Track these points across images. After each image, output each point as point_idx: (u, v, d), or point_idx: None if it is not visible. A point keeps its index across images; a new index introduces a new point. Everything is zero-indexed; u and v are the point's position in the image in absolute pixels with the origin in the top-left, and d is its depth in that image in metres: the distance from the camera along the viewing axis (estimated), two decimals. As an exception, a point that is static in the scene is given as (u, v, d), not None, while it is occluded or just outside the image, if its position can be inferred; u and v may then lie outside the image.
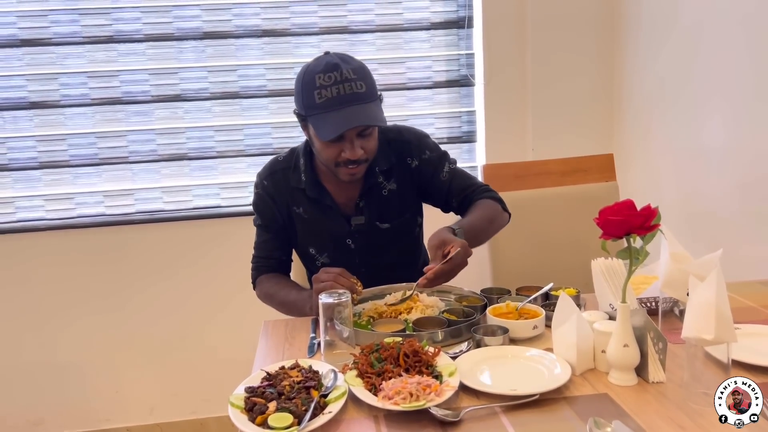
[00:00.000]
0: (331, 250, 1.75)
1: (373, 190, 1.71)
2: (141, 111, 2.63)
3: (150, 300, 2.70)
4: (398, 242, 1.78)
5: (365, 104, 1.53)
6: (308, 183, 1.69)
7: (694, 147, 2.30)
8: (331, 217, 1.71)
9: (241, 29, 2.63)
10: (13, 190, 2.62)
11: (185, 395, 2.77)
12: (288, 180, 1.72)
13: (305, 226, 1.74)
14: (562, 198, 2.21)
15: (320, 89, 1.51)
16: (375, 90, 1.58)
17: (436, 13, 2.73)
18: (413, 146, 1.73)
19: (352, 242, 1.74)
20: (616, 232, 1.15)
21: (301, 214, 1.73)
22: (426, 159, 1.73)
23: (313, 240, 1.76)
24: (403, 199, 1.75)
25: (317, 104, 1.52)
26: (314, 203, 1.71)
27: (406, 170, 1.73)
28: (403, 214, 1.77)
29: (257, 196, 1.76)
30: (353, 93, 1.51)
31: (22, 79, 2.56)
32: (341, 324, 1.32)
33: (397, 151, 1.72)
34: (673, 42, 2.37)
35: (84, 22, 2.55)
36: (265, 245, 1.79)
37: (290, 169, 1.72)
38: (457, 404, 1.14)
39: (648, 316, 1.20)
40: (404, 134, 1.74)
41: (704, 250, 1.26)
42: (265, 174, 1.75)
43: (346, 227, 1.72)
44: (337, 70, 1.51)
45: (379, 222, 1.73)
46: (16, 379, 2.68)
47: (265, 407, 1.09)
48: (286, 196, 1.72)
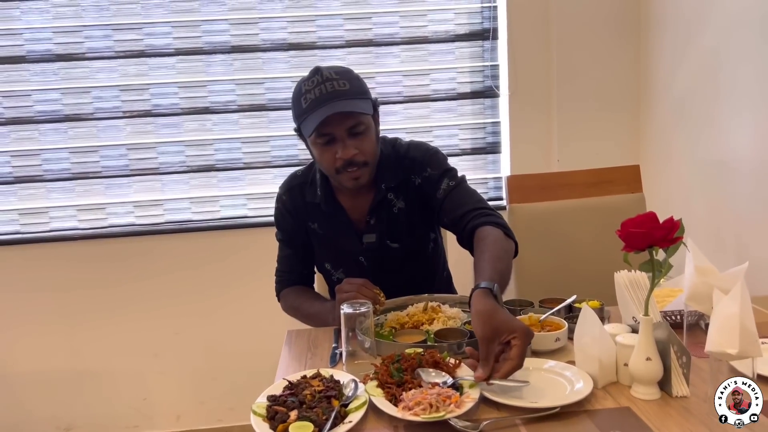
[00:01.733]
0: (345, 266, 1.76)
1: (383, 206, 1.69)
2: (170, 123, 2.69)
3: (178, 309, 2.74)
4: (411, 261, 1.76)
5: (348, 100, 1.52)
6: (323, 198, 1.69)
7: (722, 158, 2.26)
8: (344, 233, 1.72)
9: (268, 43, 2.68)
10: (48, 200, 2.69)
11: (211, 403, 2.81)
12: (304, 195, 1.73)
13: (320, 242, 1.76)
14: (588, 210, 2.19)
15: (305, 94, 1.54)
16: (363, 91, 1.58)
17: (461, 25, 2.74)
18: (417, 164, 1.68)
19: (365, 260, 1.73)
20: (638, 245, 1.15)
21: (316, 230, 1.74)
22: (427, 176, 1.67)
23: (327, 255, 1.77)
24: (412, 217, 1.71)
25: (304, 109, 1.54)
26: (329, 219, 1.71)
27: (411, 188, 1.69)
28: (414, 233, 1.73)
29: (277, 210, 1.79)
30: (334, 90, 1.52)
31: (57, 93, 2.64)
32: (363, 334, 1.33)
33: (405, 168, 1.69)
34: (699, 51, 2.34)
35: (116, 37, 2.62)
36: (287, 260, 1.81)
37: (306, 184, 1.73)
38: (477, 416, 1.13)
39: (671, 329, 1.19)
40: (411, 151, 1.70)
41: (732, 263, 1.24)
42: (283, 189, 1.77)
43: (358, 245, 1.71)
44: (319, 73, 1.54)
45: (389, 241, 1.71)
46: (47, 385, 2.74)
47: (286, 416, 1.11)
48: (302, 212, 1.74)
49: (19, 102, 2.63)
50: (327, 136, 1.54)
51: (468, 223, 1.58)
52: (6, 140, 2.65)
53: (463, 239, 1.61)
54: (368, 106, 1.57)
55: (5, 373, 2.72)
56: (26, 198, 2.69)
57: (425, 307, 1.60)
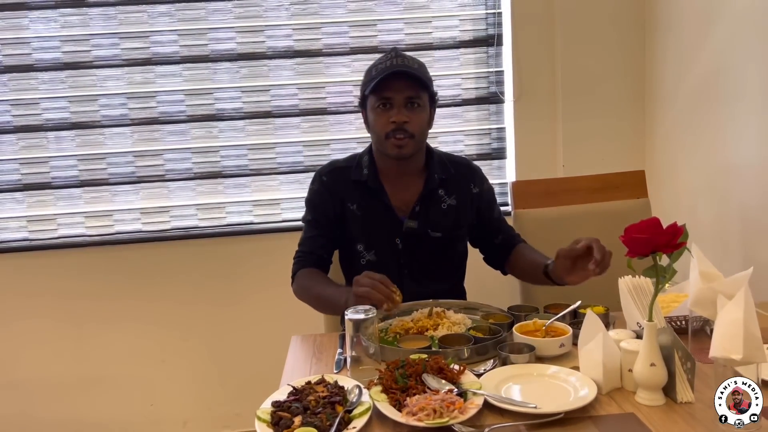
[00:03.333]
0: (379, 247, 1.81)
1: (433, 198, 1.81)
2: (177, 130, 2.71)
3: (185, 315, 2.75)
4: (445, 251, 1.85)
5: (415, 74, 1.68)
6: (370, 176, 1.80)
7: (728, 163, 2.26)
8: (383, 215, 1.79)
9: (274, 50, 2.69)
10: (56, 208, 2.71)
11: (218, 409, 2.81)
12: (348, 175, 1.82)
13: (356, 223, 1.81)
14: (593, 215, 2.19)
15: (377, 65, 1.73)
16: (429, 79, 1.75)
17: (466, 31, 2.75)
18: (477, 176, 1.90)
19: (401, 242, 1.80)
20: (641, 251, 1.15)
21: (354, 211, 1.80)
22: (486, 189, 1.91)
23: (362, 236, 1.81)
24: (461, 216, 1.85)
25: (372, 76, 1.71)
26: (370, 199, 1.79)
27: (468, 193, 1.86)
28: (456, 229, 1.85)
29: (313, 191, 1.85)
30: (405, 65, 1.70)
31: (65, 101, 2.66)
32: (367, 340, 1.33)
33: (462, 173, 1.87)
34: (705, 56, 2.34)
35: (123, 45, 2.64)
36: (311, 241, 1.84)
37: (351, 167, 1.84)
38: (481, 422, 1.14)
39: (675, 334, 1.19)
40: (471, 164, 1.93)
41: (738, 269, 1.24)
42: (325, 170, 1.86)
43: (397, 227, 1.79)
44: (394, 51, 1.74)
45: (431, 230, 1.80)
46: (54, 391, 2.76)
47: (290, 421, 1.11)
48: (342, 192, 1.81)
49: (28, 110, 2.65)
50: (386, 99, 1.70)
51: (512, 244, 1.90)
52: (15, 148, 2.67)
53: (502, 255, 1.91)
54: (430, 90, 1.75)
55: (13, 379, 2.74)
56: (35, 205, 2.71)
57: (430, 313, 1.61)
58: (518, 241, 1.92)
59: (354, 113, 2.72)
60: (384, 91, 1.69)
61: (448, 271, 1.89)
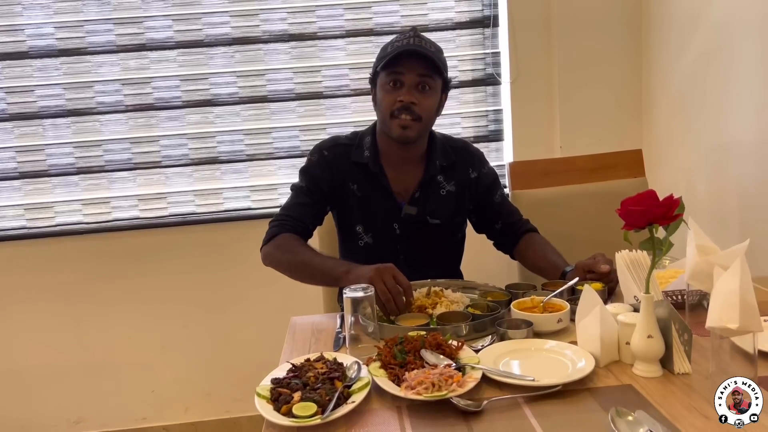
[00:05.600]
0: (376, 231, 1.80)
1: (432, 185, 1.80)
2: (173, 116, 2.70)
3: (184, 301, 2.75)
4: (443, 239, 1.84)
5: (430, 56, 1.65)
6: (371, 159, 1.77)
7: (724, 142, 2.25)
8: (383, 199, 1.78)
9: (269, 34, 2.68)
10: (53, 195, 2.70)
11: (218, 395, 2.82)
12: (349, 155, 1.78)
13: (356, 204, 1.79)
14: (590, 195, 2.20)
15: (394, 43, 1.70)
16: (444, 63, 1.72)
17: (461, 12, 2.73)
18: (476, 160, 1.87)
19: (398, 228, 1.79)
20: (638, 223, 1.15)
21: (354, 191, 1.78)
22: (485, 173, 1.86)
23: (361, 218, 1.80)
24: (460, 203, 1.83)
25: (388, 52, 1.68)
26: (370, 182, 1.77)
27: (467, 179, 1.84)
28: (456, 217, 1.83)
29: (311, 162, 1.81)
30: (421, 45, 1.67)
31: (59, 88, 2.64)
32: (366, 319, 1.34)
33: (461, 158, 1.84)
34: (701, 36, 2.33)
35: (117, 31, 2.63)
36: (299, 207, 1.77)
37: (353, 146, 1.80)
38: (479, 395, 1.14)
39: (672, 307, 1.19)
40: (470, 148, 1.90)
41: (735, 244, 1.23)
42: (327, 145, 1.82)
43: (396, 212, 1.78)
44: (413, 30, 1.71)
45: (430, 217, 1.79)
46: (55, 378, 2.76)
47: (290, 397, 1.12)
48: (344, 170, 1.78)
49: (23, 98, 2.64)
50: (397, 77, 1.67)
51: (518, 230, 1.87)
52: (10, 136, 2.66)
53: (507, 242, 1.89)
54: (444, 76, 1.72)
55: (14, 367, 2.75)
56: (32, 193, 2.70)
57: (428, 292, 1.61)
58: (526, 228, 1.88)
59: (350, 96, 2.71)
60: (396, 67, 1.66)
61: (445, 257, 1.89)
